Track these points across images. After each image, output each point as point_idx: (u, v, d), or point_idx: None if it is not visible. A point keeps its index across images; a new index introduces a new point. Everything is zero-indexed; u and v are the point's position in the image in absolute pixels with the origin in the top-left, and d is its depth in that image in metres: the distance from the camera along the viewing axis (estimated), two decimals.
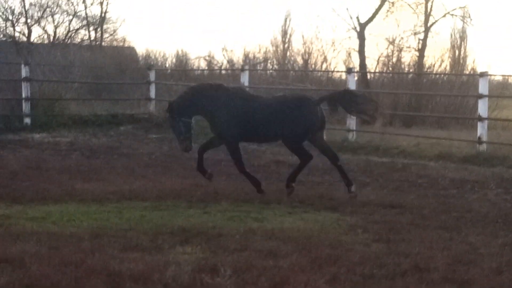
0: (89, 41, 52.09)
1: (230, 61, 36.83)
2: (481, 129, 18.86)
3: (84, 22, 53.12)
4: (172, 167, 15.68)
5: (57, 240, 8.52)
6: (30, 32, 53.40)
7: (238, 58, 37.66)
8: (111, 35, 54.69)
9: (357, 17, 32.16)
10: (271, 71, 35.90)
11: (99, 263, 7.40)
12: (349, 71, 23.13)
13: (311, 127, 12.52)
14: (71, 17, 52.68)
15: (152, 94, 26.77)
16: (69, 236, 8.78)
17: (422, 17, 33.83)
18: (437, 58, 32.24)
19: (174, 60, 38.68)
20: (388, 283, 7.13)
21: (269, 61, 39.20)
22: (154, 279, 6.92)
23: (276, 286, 6.93)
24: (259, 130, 12.65)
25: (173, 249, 8.36)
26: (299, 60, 35.88)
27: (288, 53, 39.37)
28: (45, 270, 7.06)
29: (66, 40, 51.08)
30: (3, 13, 51.77)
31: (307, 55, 35.32)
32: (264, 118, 12.50)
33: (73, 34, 52.76)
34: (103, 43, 52.03)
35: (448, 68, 33.71)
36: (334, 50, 34.91)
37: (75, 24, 53.41)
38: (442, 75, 30.73)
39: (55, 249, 8.00)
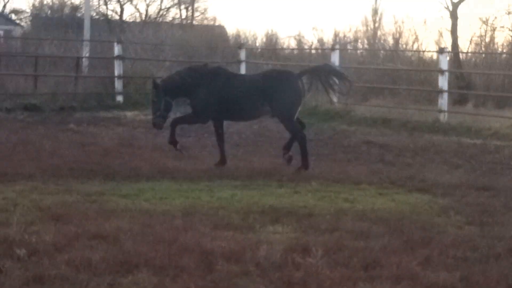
0: (180, 19, 52.55)
1: (320, 41, 36.63)
2: None
3: (176, 0, 53.58)
4: (263, 146, 15.73)
5: (150, 217, 8.62)
6: (122, 10, 54.20)
7: (328, 37, 37.48)
8: (201, 13, 55.09)
9: None
10: (361, 50, 35.60)
11: (191, 241, 7.47)
12: (441, 51, 22.77)
13: (296, 100, 12.66)
14: None
15: (243, 72, 26.82)
16: (161, 213, 8.89)
17: None
18: None
19: (264, 39, 38.66)
20: (481, 266, 7.02)
21: (359, 41, 38.85)
22: (246, 258, 6.95)
23: (367, 267, 6.88)
24: (239, 107, 12.77)
25: (264, 228, 8.39)
26: (390, 40, 35.45)
27: (378, 33, 38.94)
28: (139, 247, 7.16)
29: (158, 19, 51.63)
30: None
31: (398, 35, 34.86)
32: (244, 94, 12.66)
33: (164, 13, 53.30)
34: (194, 22, 52.39)
35: None
36: (425, 30, 34.42)
37: (167, 2, 53.94)
38: None
39: (148, 226, 8.11)
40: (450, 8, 31.50)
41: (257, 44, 38.34)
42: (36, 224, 8.06)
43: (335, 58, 24.07)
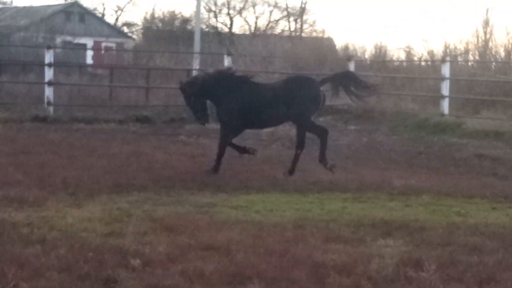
0: (289, 31, 52.74)
1: (430, 52, 36.17)
2: None
3: (285, 13, 53.84)
4: (372, 159, 15.62)
5: (261, 229, 8.66)
6: (232, 23, 54.77)
7: (438, 49, 36.98)
8: (310, 26, 55.19)
9: None
10: (472, 62, 34.99)
11: (302, 253, 7.48)
12: None
13: (315, 106, 13.03)
14: (271, 8, 53.58)
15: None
16: (272, 225, 8.91)
17: None
18: None
19: (373, 51, 38.45)
20: None
21: (470, 53, 38.19)
22: (358, 271, 6.91)
23: (482, 283, 6.75)
24: (262, 114, 13.08)
25: (375, 241, 8.32)
26: (502, 52, 34.72)
27: (490, 44, 38.21)
28: (250, 258, 7.20)
29: (267, 31, 51.94)
30: (206, 4, 53.28)
31: (510, 46, 34.10)
32: (267, 102, 12.96)
33: (273, 25, 53.61)
34: (302, 34, 52.52)
35: None
36: None
37: (276, 15, 54.24)
38: None
39: (259, 238, 8.14)
40: None
41: (366, 56, 38.16)
42: (149, 235, 8.19)
43: (445, 70, 23.74)
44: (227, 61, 24.85)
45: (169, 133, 19.62)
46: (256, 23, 54.40)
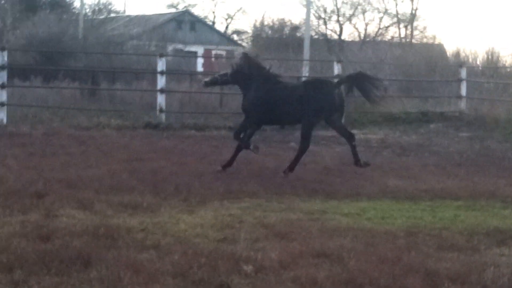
0: (399, 38, 52.28)
1: None
2: None
3: (395, 19, 53.41)
4: (485, 166, 15.33)
5: (373, 236, 8.61)
6: (341, 29, 54.65)
7: None
8: (421, 32, 54.57)
9: None
10: None
11: (415, 261, 7.40)
12: None
13: (328, 108, 13.41)
14: (381, 14, 53.24)
15: (463, 92, 26.26)
16: (384, 233, 8.85)
17: None
18: None
19: (485, 57, 37.74)
20: None
21: None
22: (472, 280, 6.80)
23: None
24: (281, 113, 13.64)
25: (490, 250, 8.17)
26: None
27: None
28: (363, 266, 7.17)
29: (377, 37, 51.64)
30: (316, 11, 53.33)
31: None
32: (286, 101, 13.46)
33: (383, 32, 53.24)
34: (413, 40, 51.99)
35: None
36: None
37: (386, 21, 53.87)
38: None
39: (371, 246, 8.10)
40: None
41: (478, 62, 37.47)
42: (261, 241, 8.24)
43: None
44: (336, 68, 24.79)
45: (279, 140, 19.70)
46: (365, 29, 54.18)
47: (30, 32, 45.63)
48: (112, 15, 69.55)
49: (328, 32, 55.63)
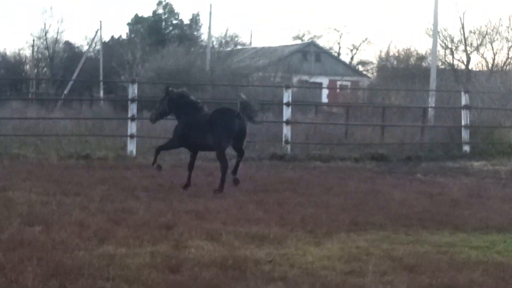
0: None
1: None
2: None
3: None
4: None
5: (503, 270, 8.41)
6: (469, 59, 53.77)
7: None
8: None
9: None
10: None
11: None
12: None
13: (230, 134, 14.76)
14: (510, 43, 52.10)
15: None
16: None
17: None
18: None
19: None
20: None
21: None
22: None
23: None
24: (196, 139, 15.16)
25: None
26: None
27: None
28: None
29: (505, 67, 50.57)
30: (442, 41, 52.70)
31: None
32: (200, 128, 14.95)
33: None
34: None
35: None
36: None
37: None
38: None
39: (502, 280, 7.93)
40: None
41: None
42: (389, 274, 8.17)
43: None
44: (464, 99, 24.40)
45: (405, 171, 19.51)
46: (493, 59, 53.14)
47: (158, 65, 46.83)
48: (239, 47, 70.62)
49: (455, 62, 54.82)
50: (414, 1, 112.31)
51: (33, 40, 78.16)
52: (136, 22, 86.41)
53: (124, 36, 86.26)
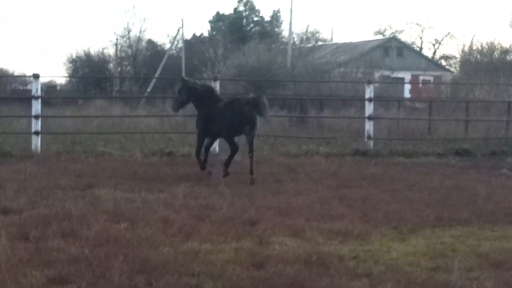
0: None
1: None
2: None
3: None
4: None
5: None
6: None
7: None
8: None
9: None
10: None
11: None
12: None
13: (239, 121, 15.53)
14: None
15: None
16: None
17: None
18: None
19: None
20: None
21: None
22: None
23: None
24: (214, 129, 16.08)
25: None
26: None
27: None
28: None
29: None
30: None
31: None
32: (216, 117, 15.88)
33: None
34: None
35: None
36: None
37: None
38: None
39: None
40: None
41: None
42: (475, 270, 8.06)
43: None
44: None
45: (490, 167, 19.18)
46: None
47: (240, 62, 47.05)
48: (320, 43, 70.54)
49: None
50: None
51: (117, 39, 79.47)
52: (218, 19, 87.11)
53: (205, 34, 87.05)
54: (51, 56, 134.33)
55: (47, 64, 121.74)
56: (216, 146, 21.24)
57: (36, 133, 20.46)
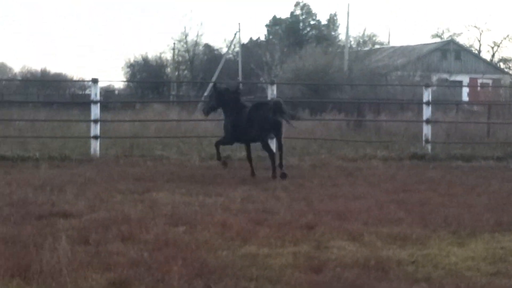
0: None
1: None
2: None
3: None
4: None
5: None
6: None
7: None
8: None
9: None
10: None
11: None
12: None
13: (267, 125, 16.15)
14: None
15: None
16: None
17: None
18: None
19: None
20: None
21: None
22: None
23: None
24: (242, 134, 16.56)
25: None
26: None
27: None
28: None
29: None
30: None
31: None
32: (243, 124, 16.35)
33: None
34: None
35: None
36: None
37: None
38: None
39: None
40: None
41: None
42: None
43: None
44: None
45: None
46: None
47: (297, 66, 47.04)
48: (377, 46, 70.22)
49: None
50: None
51: (174, 44, 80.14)
52: (274, 23, 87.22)
53: (262, 38, 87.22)
54: (110, 61, 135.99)
55: (106, 69, 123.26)
56: (274, 149, 21.26)
57: (95, 137, 20.70)
